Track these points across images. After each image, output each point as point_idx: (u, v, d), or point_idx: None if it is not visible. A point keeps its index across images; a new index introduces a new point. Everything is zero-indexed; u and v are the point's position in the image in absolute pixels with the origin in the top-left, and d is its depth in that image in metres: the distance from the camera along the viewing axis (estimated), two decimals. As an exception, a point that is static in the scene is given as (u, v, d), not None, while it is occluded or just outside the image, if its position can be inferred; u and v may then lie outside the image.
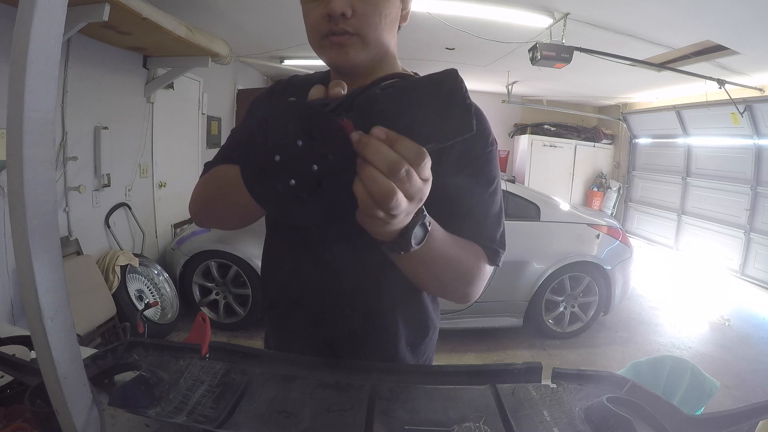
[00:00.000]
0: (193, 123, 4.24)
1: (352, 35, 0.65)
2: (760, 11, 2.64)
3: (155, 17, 2.26)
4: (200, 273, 3.16)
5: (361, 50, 0.66)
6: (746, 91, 4.43)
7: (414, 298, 0.82)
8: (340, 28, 0.64)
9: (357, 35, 0.65)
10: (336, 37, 0.65)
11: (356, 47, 0.66)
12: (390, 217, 0.43)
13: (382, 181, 0.40)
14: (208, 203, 0.76)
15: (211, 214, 0.78)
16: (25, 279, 0.42)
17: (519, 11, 3.04)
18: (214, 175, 0.76)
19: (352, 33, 0.65)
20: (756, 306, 4.33)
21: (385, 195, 0.40)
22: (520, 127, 7.62)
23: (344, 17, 0.63)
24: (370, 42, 0.66)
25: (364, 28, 0.65)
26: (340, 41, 0.65)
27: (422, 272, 0.64)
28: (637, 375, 1.52)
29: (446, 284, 0.69)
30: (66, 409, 0.47)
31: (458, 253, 0.66)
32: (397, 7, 0.69)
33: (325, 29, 0.65)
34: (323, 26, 0.65)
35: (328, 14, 0.63)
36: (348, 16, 0.63)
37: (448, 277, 0.67)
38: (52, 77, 0.42)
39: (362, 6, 0.64)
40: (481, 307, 3.10)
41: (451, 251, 0.64)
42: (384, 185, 0.40)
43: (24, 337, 0.78)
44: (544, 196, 3.52)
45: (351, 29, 0.64)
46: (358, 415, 0.60)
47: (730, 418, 0.58)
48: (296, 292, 0.82)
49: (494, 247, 0.72)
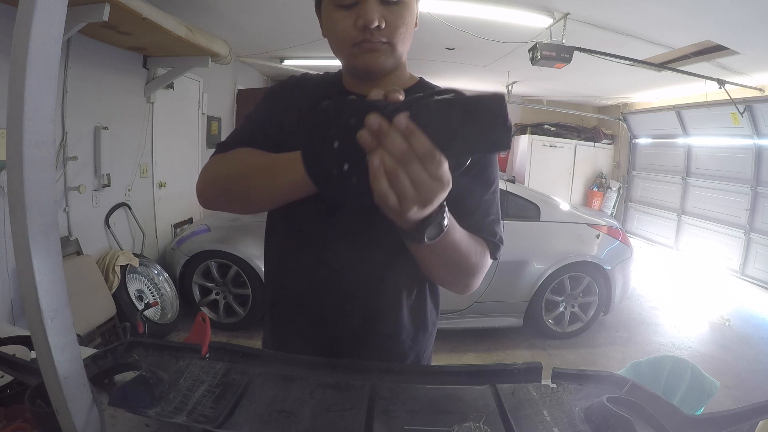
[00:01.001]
0: (193, 123, 4.24)
1: (384, 43, 0.72)
2: (760, 11, 2.64)
3: (155, 17, 2.26)
4: (200, 273, 3.16)
5: (390, 56, 0.74)
6: (746, 91, 4.43)
7: (414, 297, 0.83)
8: (375, 37, 0.71)
9: (388, 43, 0.72)
10: (371, 44, 0.71)
11: (387, 53, 0.73)
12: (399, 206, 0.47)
13: (390, 163, 0.44)
14: (224, 184, 0.78)
15: (223, 195, 0.79)
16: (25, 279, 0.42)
17: (519, 11, 3.04)
18: (234, 157, 0.78)
19: (384, 41, 0.72)
20: (756, 306, 4.33)
21: (391, 176, 0.45)
22: (520, 127, 7.62)
23: (378, 29, 0.70)
24: (397, 49, 0.74)
25: (394, 36, 0.72)
26: (375, 47, 0.72)
27: (433, 261, 0.70)
28: (637, 375, 1.52)
29: (453, 275, 0.75)
30: (66, 409, 0.47)
31: (468, 247, 0.71)
32: (415, 16, 0.76)
33: (359, 38, 0.71)
34: (356, 35, 0.71)
35: (364, 25, 0.69)
36: (382, 27, 0.70)
37: (456, 268, 0.73)
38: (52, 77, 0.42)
39: (392, 17, 0.71)
40: (481, 307, 3.10)
41: (462, 245, 0.69)
42: (391, 167, 0.45)
43: (24, 337, 0.78)
44: (544, 196, 3.52)
45: (383, 38, 0.71)
46: (358, 415, 0.60)
47: (730, 418, 0.58)
48: (296, 291, 0.82)
49: (495, 242, 0.78)
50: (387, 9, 0.70)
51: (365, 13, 0.69)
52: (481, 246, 0.75)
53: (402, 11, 0.71)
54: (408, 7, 0.72)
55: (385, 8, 0.70)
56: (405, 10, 0.72)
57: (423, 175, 0.45)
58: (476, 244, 0.74)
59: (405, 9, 0.72)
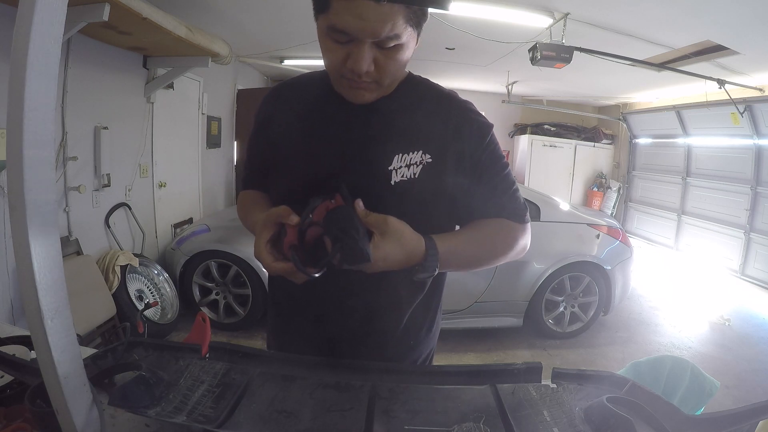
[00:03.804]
0: (193, 123, 4.24)
1: (370, 82, 0.69)
2: (760, 11, 2.64)
3: (155, 17, 2.25)
4: (200, 273, 3.16)
5: (374, 92, 0.72)
6: (746, 91, 4.43)
7: (414, 297, 0.83)
8: (363, 78, 0.68)
9: (374, 82, 0.69)
10: (356, 83, 0.69)
11: (371, 90, 0.71)
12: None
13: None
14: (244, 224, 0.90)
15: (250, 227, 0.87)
16: (25, 279, 0.42)
17: (519, 11, 3.04)
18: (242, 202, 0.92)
19: (370, 81, 0.69)
20: (756, 306, 4.32)
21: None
22: (520, 127, 7.61)
23: (367, 73, 0.67)
24: (383, 85, 0.71)
25: (383, 77, 0.69)
26: (360, 86, 0.70)
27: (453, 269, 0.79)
28: (637, 375, 1.52)
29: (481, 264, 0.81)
30: (66, 409, 0.47)
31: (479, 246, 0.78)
32: (413, 48, 0.70)
33: (347, 74, 0.68)
34: (342, 69, 0.67)
35: (351, 69, 0.65)
36: (371, 71, 0.67)
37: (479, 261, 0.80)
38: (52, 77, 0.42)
39: (384, 61, 0.66)
40: (481, 307, 3.10)
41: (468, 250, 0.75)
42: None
43: (24, 337, 0.78)
44: (544, 196, 3.51)
45: (369, 79, 0.69)
46: (358, 415, 0.60)
47: (730, 418, 0.58)
48: (297, 291, 0.82)
49: (520, 213, 0.82)
50: (381, 53, 0.65)
51: (355, 59, 0.64)
52: (496, 228, 0.79)
53: (397, 54, 0.66)
54: (405, 48, 0.67)
55: (380, 52, 0.65)
56: (401, 52, 0.67)
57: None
58: (489, 232, 0.79)
59: (400, 51, 0.66)
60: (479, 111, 0.81)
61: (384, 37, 0.62)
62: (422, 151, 0.75)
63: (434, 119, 0.77)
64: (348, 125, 0.76)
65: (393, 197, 0.73)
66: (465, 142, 0.76)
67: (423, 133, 0.75)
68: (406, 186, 0.74)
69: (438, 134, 0.76)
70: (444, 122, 0.76)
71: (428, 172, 0.75)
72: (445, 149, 0.76)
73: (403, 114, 0.76)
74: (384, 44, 0.64)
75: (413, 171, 0.74)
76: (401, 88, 0.79)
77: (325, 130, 0.77)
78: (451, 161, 0.76)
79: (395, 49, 0.65)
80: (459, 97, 0.81)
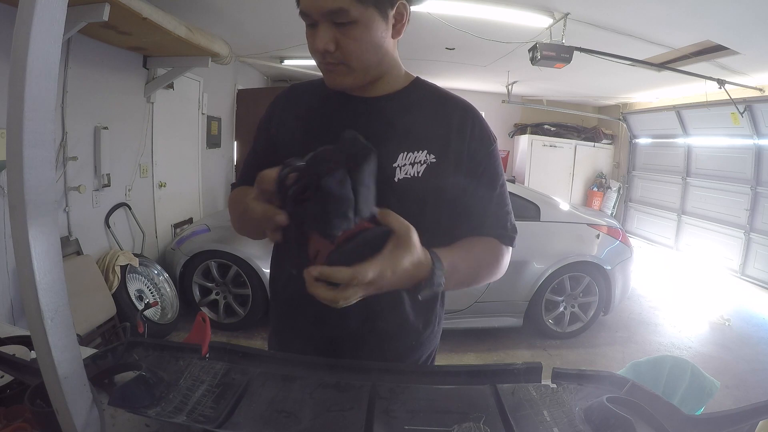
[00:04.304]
0: (193, 123, 4.24)
1: (337, 64, 0.73)
2: (760, 11, 2.64)
3: (155, 17, 2.25)
4: (200, 273, 3.16)
5: (347, 76, 0.74)
6: (746, 91, 4.43)
7: (415, 298, 0.83)
8: (326, 60, 0.72)
9: (342, 64, 0.73)
10: (326, 65, 0.74)
11: (342, 73, 0.74)
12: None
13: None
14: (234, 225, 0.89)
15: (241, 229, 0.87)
16: (25, 279, 0.42)
17: (519, 11, 3.04)
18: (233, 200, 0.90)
19: (337, 63, 0.72)
20: (756, 306, 4.32)
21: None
22: (520, 127, 7.61)
23: (328, 52, 0.71)
24: (355, 68, 0.73)
25: (347, 58, 0.72)
26: (329, 68, 0.74)
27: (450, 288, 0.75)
28: (637, 375, 1.52)
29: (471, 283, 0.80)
30: (66, 409, 0.47)
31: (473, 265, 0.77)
32: (382, 30, 0.72)
33: (318, 58, 0.73)
34: (315, 54, 0.73)
35: (314, 49, 0.70)
36: (331, 50, 0.70)
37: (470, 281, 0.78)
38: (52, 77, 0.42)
39: (344, 40, 0.70)
40: (481, 307, 3.10)
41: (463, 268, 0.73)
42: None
43: (24, 337, 0.78)
44: (544, 196, 3.51)
45: (335, 60, 0.72)
46: (358, 415, 0.60)
47: (730, 418, 0.58)
48: (297, 291, 0.82)
49: (509, 234, 0.83)
50: (340, 31, 0.69)
51: (315, 38, 0.70)
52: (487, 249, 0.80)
53: (355, 32, 0.69)
54: (364, 26, 0.69)
55: (338, 30, 0.69)
56: (359, 30, 0.69)
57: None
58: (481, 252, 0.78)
59: (359, 29, 0.69)
60: (484, 119, 0.83)
61: (329, 12, 0.67)
62: (427, 151, 0.76)
63: (440, 121, 0.78)
64: (354, 122, 0.78)
65: (395, 195, 0.73)
66: (468, 144, 0.78)
67: (428, 134, 0.77)
68: (408, 184, 0.75)
69: (443, 135, 0.77)
70: (449, 124, 0.78)
71: (431, 172, 0.76)
72: (450, 151, 0.77)
73: (409, 113, 0.79)
74: (337, 19, 0.68)
75: (417, 170, 0.76)
76: (408, 89, 0.82)
77: (331, 127, 0.79)
78: (455, 163, 0.77)
79: (351, 27, 0.69)
80: (466, 102, 0.82)
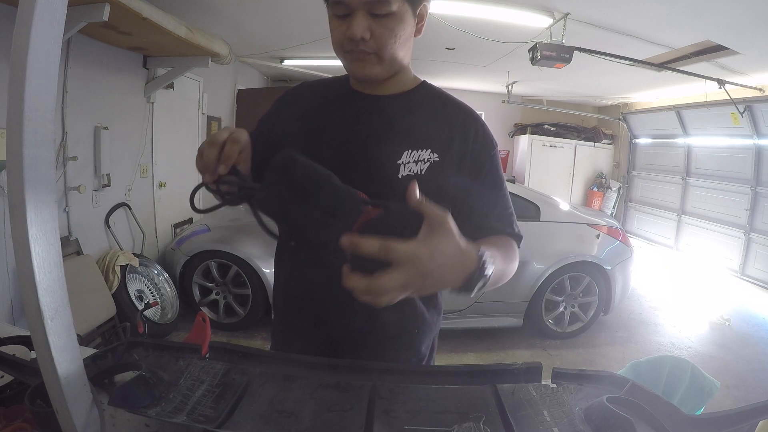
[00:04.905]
0: (193, 123, 4.24)
1: (369, 53, 0.74)
2: (760, 11, 2.64)
3: (155, 17, 2.25)
4: (200, 273, 3.16)
5: (376, 65, 0.76)
6: (746, 91, 4.43)
7: (415, 298, 0.83)
8: (359, 48, 0.73)
9: (374, 54, 0.74)
10: (357, 54, 0.74)
11: (372, 63, 0.75)
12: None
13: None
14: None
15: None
16: (25, 279, 0.42)
17: (519, 11, 3.04)
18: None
19: (369, 52, 0.74)
20: (756, 306, 4.32)
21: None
22: (520, 127, 7.61)
23: (363, 41, 0.72)
24: (385, 59, 0.75)
25: (380, 48, 0.73)
26: (361, 57, 0.75)
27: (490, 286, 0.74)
28: (637, 375, 1.52)
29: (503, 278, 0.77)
30: (66, 409, 0.47)
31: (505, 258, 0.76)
32: (411, 26, 0.76)
33: (348, 47, 0.74)
34: (345, 43, 0.74)
35: (350, 37, 0.71)
36: (367, 39, 0.72)
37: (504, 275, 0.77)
38: (52, 77, 0.42)
39: (379, 30, 0.72)
40: (481, 307, 3.10)
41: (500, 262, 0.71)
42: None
43: (24, 337, 0.78)
44: (544, 196, 3.51)
45: (368, 49, 0.73)
46: (359, 415, 0.60)
47: (730, 418, 0.58)
48: (298, 292, 0.82)
49: (517, 234, 0.85)
50: (375, 21, 0.71)
51: (352, 25, 0.71)
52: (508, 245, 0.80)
53: (391, 23, 0.72)
54: (399, 19, 0.72)
55: (374, 21, 0.71)
56: (395, 22, 0.72)
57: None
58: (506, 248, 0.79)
59: (395, 21, 0.72)
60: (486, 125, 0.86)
61: (373, 2, 0.69)
62: (431, 150, 0.78)
63: (444, 122, 0.81)
64: (360, 118, 0.80)
65: (398, 191, 0.73)
66: (471, 146, 0.80)
67: (432, 134, 0.79)
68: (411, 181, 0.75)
69: (446, 136, 0.80)
70: (453, 126, 0.81)
71: (434, 171, 0.78)
72: (453, 151, 0.79)
73: (415, 113, 0.81)
74: (376, 10, 0.70)
75: (420, 167, 0.78)
76: (415, 91, 0.84)
77: (337, 122, 0.81)
78: (458, 164, 0.79)
79: (388, 18, 0.71)
80: (469, 107, 0.86)
